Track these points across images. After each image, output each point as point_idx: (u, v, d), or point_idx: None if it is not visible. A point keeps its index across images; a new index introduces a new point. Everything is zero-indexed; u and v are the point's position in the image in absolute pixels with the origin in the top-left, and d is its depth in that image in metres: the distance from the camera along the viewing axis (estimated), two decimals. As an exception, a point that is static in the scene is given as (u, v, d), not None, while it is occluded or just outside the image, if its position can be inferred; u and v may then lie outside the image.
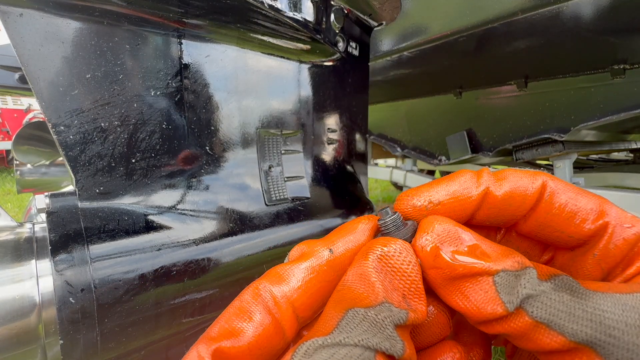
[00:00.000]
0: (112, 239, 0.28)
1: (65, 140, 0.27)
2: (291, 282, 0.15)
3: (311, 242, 0.17)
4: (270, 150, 0.42)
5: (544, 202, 0.16)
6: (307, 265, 0.16)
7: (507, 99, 0.92)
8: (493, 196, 0.16)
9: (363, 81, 0.55)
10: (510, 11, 0.48)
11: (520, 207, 0.16)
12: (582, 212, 0.16)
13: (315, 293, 0.16)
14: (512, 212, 0.17)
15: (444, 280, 0.14)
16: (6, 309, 0.23)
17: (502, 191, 0.16)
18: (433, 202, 0.16)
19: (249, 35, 0.37)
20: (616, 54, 0.63)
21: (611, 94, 0.71)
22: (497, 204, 0.16)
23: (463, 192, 0.16)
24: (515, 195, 0.16)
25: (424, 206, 0.16)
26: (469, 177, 0.17)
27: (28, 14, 0.25)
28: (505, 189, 0.16)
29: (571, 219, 0.16)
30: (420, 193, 0.17)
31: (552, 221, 0.16)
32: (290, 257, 0.17)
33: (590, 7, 0.47)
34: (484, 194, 0.16)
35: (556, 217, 0.16)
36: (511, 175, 0.17)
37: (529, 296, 0.13)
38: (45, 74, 0.26)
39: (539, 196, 0.16)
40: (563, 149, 0.85)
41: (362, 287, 0.14)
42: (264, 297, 0.15)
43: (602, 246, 0.16)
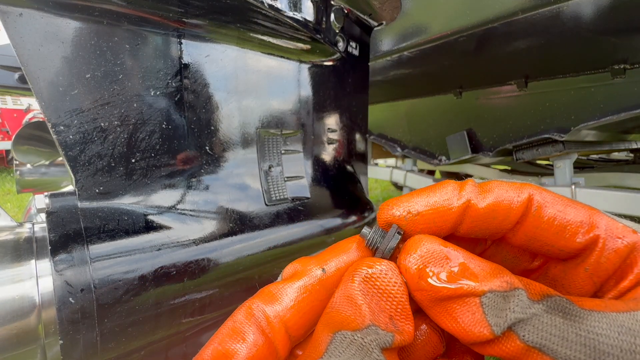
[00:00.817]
0: (112, 239, 0.28)
1: (65, 140, 0.27)
2: (284, 301, 0.15)
3: (305, 261, 0.17)
4: (270, 150, 0.42)
5: (532, 215, 0.16)
6: (300, 284, 0.16)
7: (507, 99, 0.92)
8: (475, 209, 0.16)
9: (363, 81, 0.55)
10: (510, 11, 0.48)
11: (505, 221, 0.16)
12: (572, 225, 0.15)
13: (308, 312, 0.16)
14: (497, 225, 0.16)
15: (431, 302, 0.14)
16: (6, 309, 0.23)
17: (485, 203, 0.16)
18: (412, 213, 0.16)
19: (249, 35, 0.37)
20: (616, 54, 0.63)
21: (611, 94, 0.71)
22: (480, 216, 0.16)
23: (443, 204, 0.16)
24: (499, 208, 0.16)
25: (402, 216, 0.16)
26: (450, 189, 0.16)
27: (28, 13, 0.25)
28: (488, 201, 0.16)
29: (561, 232, 0.15)
30: (400, 203, 0.16)
31: (541, 235, 0.16)
32: (284, 275, 0.17)
33: (590, 7, 0.47)
34: (465, 206, 0.16)
35: (545, 231, 0.16)
36: (496, 188, 0.16)
37: (519, 320, 0.13)
38: (45, 74, 0.26)
39: (525, 210, 0.16)
40: (563, 149, 0.85)
41: (349, 309, 0.14)
42: (257, 317, 0.15)
43: (593, 260, 0.15)
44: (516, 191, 0.16)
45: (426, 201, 0.16)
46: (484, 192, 0.16)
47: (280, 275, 0.18)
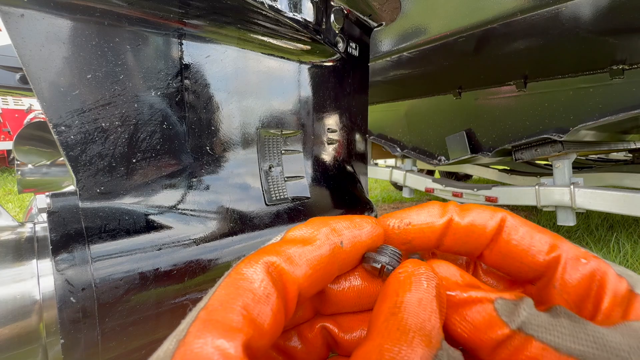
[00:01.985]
0: (113, 239, 0.28)
1: (66, 140, 0.27)
2: (303, 266, 0.15)
3: (317, 224, 0.16)
4: (271, 150, 0.42)
5: (503, 236, 0.18)
6: (318, 252, 0.15)
7: (507, 99, 0.92)
8: (457, 224, 0.18)
9: (363, 81, 0.55)
10: (509, 12, 0.48)
11: (481, 237, 0.18)
12: (537, 245, 0.18)
13: (318, 280, 0.15)
14: (474, 240, 0.18)
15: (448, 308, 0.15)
16: (7, 309, 0.23)
17: (464, 222, 0.18)
18: (404, 223, 0.18)
19: (249, 36, 0.37)
20: (615, 55, 0.63)
21: (610, 94, 0.71)
22: (460, 231, 0.18)
23: (431, 218, 0.18)
24: (476, 225, 0.18)
25: (396, 226, 0.18)
26: (436, 207, 0.19)
27: (29, 14, 0.25)
28: (467, 220, 0.18)
29: (528, 250, 0.17)
30: (394, 216, 0.19)
31: (512, 252, 0.18)
32: (291, 237, 0.16)
33: (590, 7, 0.47)
34: (449, 221, 0.18)
35: (515, 248, 0.18)
36: (474, 209, 0.19)
37: (530, 321, 0.13)
38: (46, 74, 0.26)
39: (497, 229, 0.18)
40: (562, 149, 0.85)
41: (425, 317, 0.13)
42: (277, 278, 0.14)
43: (559, 276, 0.17)
44: (491, 214, 0.18)
45: (416, 215, 0.19)
46: (463, 212, 0.19)
47: (281, 235, 0.17)
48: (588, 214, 1.92)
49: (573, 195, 0.89)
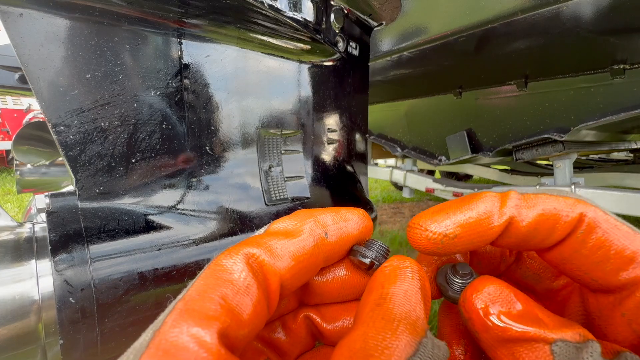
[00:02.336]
0: (112, 239, 0.28)
1: (65, 140, 0.27)
2: (284, 258, 0.14)
3: (302, 217, 0.16)
4: (270, 150, 0.42)
5: (576, 238, 0.14)
6: (302, 244, 0.15)
7: (507, 99, 0.92)
8: (517, 227, 0.14)
9: (363, 81, 0.55)
10: (510, 11, 0.48)
11: (545, 241, 0.15)
12: (617, 258, 0.13)
13: (302, 272, 0.15)
14: (535, 243, 0.15)
15: (496, 342, 0.13)
16: (6, 309, 0.23)
17: (528, 221, 0.14)
18: (449, 236, 0.14)
19: (249, 35, 0.37)
20: (616, 54, 0.63)
21: (611, 94, 0.71)
22: (520, 235, 0.15)
23: (483, 223, 0.14)
24: (542, 227, 0.14)
25: (438, 240, 0.14)
26: (490, 203, 0.14)
27: (28, 14, 0.25)
28: (532, 218, 0.14)
29: (602, 263, 0.14)
30: (433, 222, 0.15)
31: (578, 260, 0.14)
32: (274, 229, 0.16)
33: (590, 7, 0.47)
34: (506, 224, 0.14)
35: (585, 257, 0.14)
36: (542, 202, 0.14)
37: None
38: (45, 74, 0.26)
39: (571, 230, 0.14)
40: (563, 149, 0.85)
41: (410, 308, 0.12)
42: (258, 270, 0.13)
43: (632, 306, 0.13)
44: (566, 208, 0.14)
45: (465, 218, 0.14)
46: (528, 207, 0.14)
47: (265, 228, 0.16)
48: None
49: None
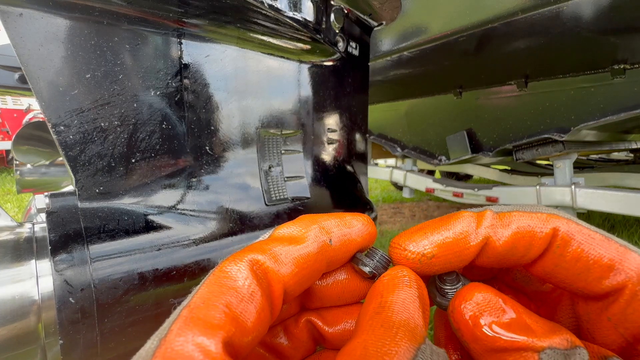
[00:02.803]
0: (112, 239, 0.28)
1: (65, 140, 0.27)
2: (288, 264, 0.14)
3: (306, 222, 0.16)
4: (270, 150, 0.42)
5: (553, 252, 0.14)
6: (306, 251, 0.15)
7: (507, 99, 0.92)
8: (493, 246, 0.15)
9: (363, 81, 0.55)
10: (510, 11, 0.48)
11: (523, 257, 0.15)
12: (596, 268, 0.14)
13: (305, 278, 0.15)
14: (514, 261, 0.15)
15: (485, 352, 0.13)
16: (6, 309, 0.23)
17: (503, 239, 0.15)
18: (426, 256, 0.15)
19: (249, 35, 0.37)
20: (616, 54, 0.63)
21: (611, 94, 0.71)
22: (497, 254, 0.15)
23: (460, 243, 0.15)
24: (519, 245, 0.15)
25: (417, 259, 0.15)
26: (467, 223, 0.15)
27: (28, 14, 0.25)
28: (507, 236, 0.15)
29: (582, 274, 0.14)
30: (412, 242, 0.15)
31: (560, 273, 0.15)
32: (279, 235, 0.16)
33: (590, 7, 0.47)
34: (483, 244, 0.15)
35: (565, 270, 0.14)
36: (516, 220, 0.15)
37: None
38: (45, 74, 0.26)
39: (547, 246, 0.15)
40: (563, 149, 0.85)
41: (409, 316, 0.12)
42: (262, 276, 0.13)
43: (617, 311, 0.14)
44: (539, 224, 0.14)
45: (441, 239, 0.15)
46: (503, 226, 0.15)
47: (269, 233, 0.16)
48: (589, 214, 1.91)
49: (574, 196, 0.88)
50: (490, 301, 0.14)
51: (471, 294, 0.14)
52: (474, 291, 0.14)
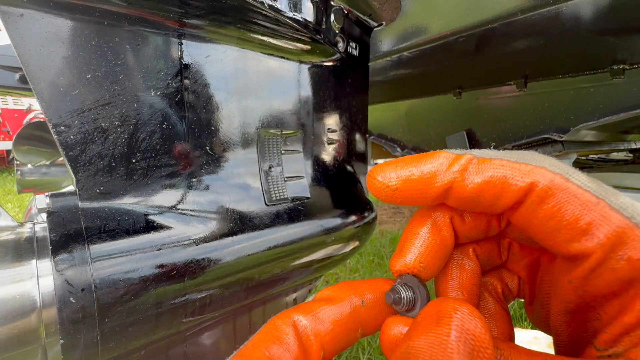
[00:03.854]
0: (113, 239, 0.28)
1: (65, 141, 0.27)
2: (323, 320, 0.16)
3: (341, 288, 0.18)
4: (270, 150, 0.42)
5: (526, 208, 0.14)
6: (339, 309, 0.17)
7: (507, 99, 0.92)
8: (459, 191, 0.15)
9: (363, 81, 0.55)
10: (510, 11, 0.48)
11: (491, 207, 0.15)
12: (567, 229, 0.13)
13: (342, 335, 0.16)
14: (482, 208, 0.15)
15: None
16: (6, 309, 0.23)
17: (471, 186, 0.14)
18: (390, 188, 0.16)
19: (249, 36, 0.37)
20: (616, 54, 0.63)
21: (611, 94, 0.71)
22: (463, 198, 0.15)
23: (424, 182, 0.15)
24: (486, 195, 0.14)
25: (382, 190, 0.16)
26: (438, 164, 0.15)
27: (29, 14, 0.25)
28: (475, 184, 0.14)
29: (551, 233, 0.14)
30: (381, 173, 0.16)
31: (531, 229, 0.15)
32: (318, 297, 0.18)
33: (590, 7, 0.47)
34: (447, 187, 0.15)
35: (535, 226, 0.14)
36: (494, 169, 0.14)
37: None
38: (46, 74, 0.26)
39: (520, 198, 0.14)
40: (563, 149, 0.85)
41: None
42: (296, 326, 0.15)
43: (579, 275, 0.14)
44: (517, 176, 0.14)
45: (406, 175, 0.15)
46: (476, 173, 0.14)
47: (313, 295, 0.19)
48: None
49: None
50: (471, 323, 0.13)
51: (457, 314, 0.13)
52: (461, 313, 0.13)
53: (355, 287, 0.18)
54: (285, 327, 0.15)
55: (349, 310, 0.17)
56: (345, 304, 0.17)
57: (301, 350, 0.15)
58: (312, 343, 0.15)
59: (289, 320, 0.16)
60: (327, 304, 0.17)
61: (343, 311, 0.17)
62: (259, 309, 0.45)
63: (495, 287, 0.21)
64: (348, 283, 0.18)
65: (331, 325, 0.16)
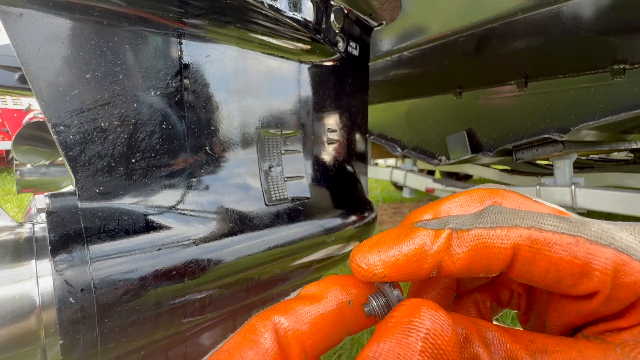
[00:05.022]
0: (112, 239, 0.28)
1: (65, 140, 0.27)
2: (304, 320, 0.15)
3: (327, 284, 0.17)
4: (270, 150, 0.42)
5: (518, 270, 0.14)
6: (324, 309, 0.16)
7: (507, 99, 0.92)
8: (448, 267, 0.15)
9: (363, 81, 0.55)
10: (510, 11, 0.48)
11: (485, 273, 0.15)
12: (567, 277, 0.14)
13: (325, 336, 0.16)
14: (478, 275, 0.15)
15: None
16: (6, 309, 0.23)
17: (459, 262, 0.15)
18: (378, 275, 0.15)
19: (249, 35, 0.37)
20: (616, 54, 0.63)
21: (611, 94, 0.71)
22: (454, 273, 0.15)
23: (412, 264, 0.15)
24: (475, 266, 0.15)
25: (369, 277, 0.15)
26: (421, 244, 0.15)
27: (28, 14, 0.25)
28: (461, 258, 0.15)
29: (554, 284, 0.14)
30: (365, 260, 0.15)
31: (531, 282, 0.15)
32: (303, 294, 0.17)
33: (590, 7, 0.47)
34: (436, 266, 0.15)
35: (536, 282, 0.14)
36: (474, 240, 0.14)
37: None
38: (45, 74, 0.26)
39: (509, 262, 0.14)
40: (563, 149, 0.85)
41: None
42: (275, 326, 0.15)
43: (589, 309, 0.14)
44: (498, 241, 0.14)
45: (392, 260, 0.15)
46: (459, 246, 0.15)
47: (297, 292, 0.17)
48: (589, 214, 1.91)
49: (574, 195, 0.88)
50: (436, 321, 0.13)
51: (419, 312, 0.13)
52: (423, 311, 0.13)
53: (342, 282, 0.17)
54: (264, 330, 0.14)
55: (334, 310, 0.16)
56: (330, 302, 0.16)
57: (281, 353, 0.14)
58: (293, 347, 0.14)
59: (269, 323, 0.15)
60: (311, 302, 0.16)
61: (327, 311, 0.16)
62: (259, 309, 0.45)
63: (484, 302, 0.20)
64: (335, 279, 0.17)
65: (314, 326, 0.15)
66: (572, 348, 0.13)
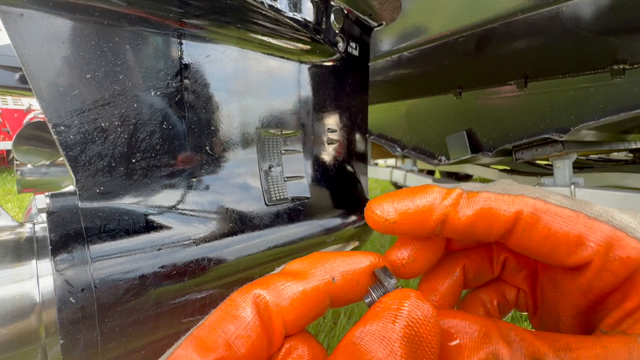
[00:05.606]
0: (113, 239, 0.28)
1: (65, 140, 0.27)
2: (286, 297, 0.15)
3: (313, 260, 0.17)
4: (270, 150, 0.42)
5: (519, 234, 0.15)
6: (307, 286, 0.16)
7: (507, 99, 0.92)
8: (454, 222, 0.16)
9: (363, 81, 0.55)
10: (510, 11, 0.48)
11: (486, 236, 0.16)
12: (563, 245, 0.14)
13: (307, 313, 0.15)
14: (478, 237, 0.16)
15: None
16: (6, 309, 0.23)
17: (465, 217, 0.16)
18: (389, 221, 0.16)
19: (249, 36, 0.37)
20: (616, 54, 0.63)
21: (611, 94, 0.71)
22: (459, 229, 0.16)
23: (421, 215, 0.16)
24: (479, 225, 0.16)
25: (380, 222, 0.16)
26: (432, 198, 0.16)
27: (28, 14, 0.25)
28: (468, 214, 0.16)
29: (551, 252, 0.15)
30: (380, 207, 0.16)
31: (531, 251, 0.16)
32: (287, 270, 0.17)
33: (590, 7, 0.47)
34: (443, 219, 0.16)
35: (534, 249, 0.15)
36: (482, 201, 0.16)
37: None
38: (46, 74, 0.26)
39: (511, 226, 0.15)
40: (563, 149, 0.85)
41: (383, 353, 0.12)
42: (256, 301, 0.14)
43: (585, 281, 0.15)
44: (503, 206, 0.15)
45: (404, 209, 0.16)
46: (467, 206, 0.16)
47: (281, 267, 0.17)
48: (588, 213, 1.90)
49: (574, 195, 0.89)
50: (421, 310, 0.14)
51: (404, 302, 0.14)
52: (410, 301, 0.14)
53: (328, 261, 0.17)
54: (245, 304, 0.14)
55: (317, 286, 0.16)
56: (313, 280, 0.16)
57: (263, 327, 0.14)
58: (274, 320, 0.14)
59: (249, 297, 0.14)
60: (294, 278, 0.16)
61: (310, 288, 0.16)
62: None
63: (490, 300, 0.20)
64: (321, 256, 0.17)
65: (295, 302, 0.15)
66: (595, 344, 0.13)
